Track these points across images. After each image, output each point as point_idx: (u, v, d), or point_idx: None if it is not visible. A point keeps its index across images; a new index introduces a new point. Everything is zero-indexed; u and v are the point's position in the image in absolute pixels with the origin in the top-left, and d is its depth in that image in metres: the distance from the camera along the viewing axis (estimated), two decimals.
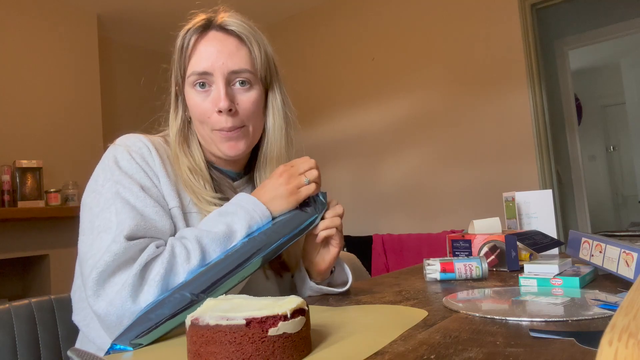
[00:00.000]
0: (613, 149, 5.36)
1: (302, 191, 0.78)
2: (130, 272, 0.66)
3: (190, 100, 0.83)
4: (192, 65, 0.81)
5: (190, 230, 0.73)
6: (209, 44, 0.81)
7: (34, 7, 3.15)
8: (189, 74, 0.81)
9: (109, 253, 0.66)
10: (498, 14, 2.89)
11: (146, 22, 3.72)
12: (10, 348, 0.83)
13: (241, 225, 0.74)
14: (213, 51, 0.80)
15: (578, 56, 4.50)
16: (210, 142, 0.84)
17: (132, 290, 0.65)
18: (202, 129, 0.84)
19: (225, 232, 0.73)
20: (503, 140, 2.85)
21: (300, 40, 3.72)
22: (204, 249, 0.70)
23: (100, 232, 0.70)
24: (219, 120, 0.81)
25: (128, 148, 0.79)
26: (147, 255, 0.67)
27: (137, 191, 0.74)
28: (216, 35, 0.82)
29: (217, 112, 0.80)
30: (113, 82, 3.89)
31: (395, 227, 3.22)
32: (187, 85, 0.83)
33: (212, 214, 0.77)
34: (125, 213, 0.71)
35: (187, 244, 0.71)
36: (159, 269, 0.67)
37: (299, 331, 0.50)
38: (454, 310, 0.68)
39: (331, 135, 3.58)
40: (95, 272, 0.66)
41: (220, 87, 0.80)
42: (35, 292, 3.04)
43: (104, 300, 0.65)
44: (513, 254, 1.04)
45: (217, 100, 0.80)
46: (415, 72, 3.20)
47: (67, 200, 3.04)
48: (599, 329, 0.55)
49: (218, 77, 0.80)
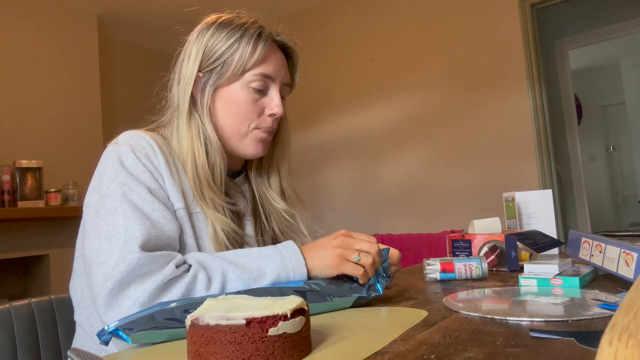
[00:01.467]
0: (613, 149, 5.36)
1: (346, 265, 0.73)
2: (146, 288, 0.65)
3: (240, 97, 0.85)
4: (263, 67, 0.85)
5: (219, 261, 0.72)
6: (277, 55, 0.88)
7: (34, 7, 3.15)
8: (256, 72, 0.84)
9: (124, 263, 0.65)
10: (498, 14, 2.89)
11: (146, 22, 3.72)
12: (10, 348, 0.83)
13: (272, 270, 0.72)
14: (280, 62, 0.88)
15: (578, 56, 4.50)
16: (243, 139, 0.86)
17: (143, 307, 0.64)
18: (240, 126, 0.85)
19: (253, 273, 0.71)
20: (503, 140, 2.85)
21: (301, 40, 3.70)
22: (225, 281, 0.69)
23: (109, 236, 0.69)
24: (267, 121, 0.87)
25: (132, 147, 0.77)
26: (166, 276, 0.66)
27: (144, 194, 0.73)
28: (276, 48, 0.89)
29: (269, 115, 0.86)
30: (113, 82, 3.89)
31: (395, 227, 3.22)
32: (242, 82, 0.84)
33: (250, 250, 0.75)
34: (134, 218, 0.70)
35: (209, 271, 0.70)
36: (176, 293, 0.66)
37: (299, 331, 0.50)
38: (454, 310, 0.68)
39: (331, 135, 3.58)
40: (111, 282, 0.65)
41: (277, 94, 0.87)
42: (35, 292, 3.04)
43: (115, 313, 0.64)
44: (513, 254, 1.04)
45: (275, 106, 0.86)
46: (415, 72, 3.20)
47: (67, 200, 3.04)
48: (599, 329, 0.55)
49: (277, 84, 0.87)
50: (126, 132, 0.81)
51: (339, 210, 3.52)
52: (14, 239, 2.81)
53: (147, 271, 0.66)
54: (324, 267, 0.73)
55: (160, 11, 3.54)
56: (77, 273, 0.81)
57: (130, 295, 0.65)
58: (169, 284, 0.66)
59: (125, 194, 0.72)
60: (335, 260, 0.73)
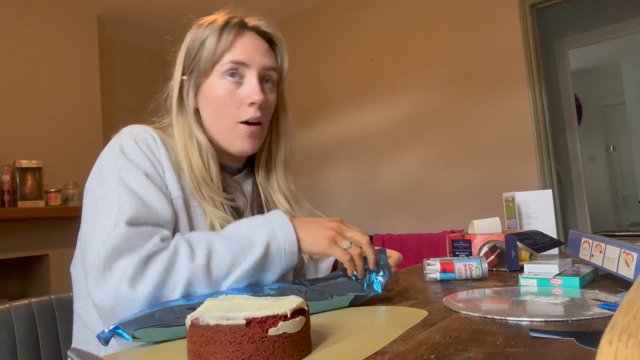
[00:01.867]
0: (613, 149, 5.36)
1: (335, 248, 0.73)
2: (132, 262, 0.65)
3: (216, 89, 0.83)
4: (230, 55, 0.83)
5: (206, 234, 0.73)
6: (247, 39, 0.85)
7: (34, 7, 3.15)
8: (225, 61, 0.83)
9: (111, 238, 0.66)
10: (498, 14, 2.89)
11: (146, 22, 3.72)
12: (10, 348, 0.83)
13: (261, 240, 0.71)
14: (251, 47, 0.84)
15: (578, 56, 4.50)
16: (228, 134, 0.85)
17: (130, 282, 0.64)
18: (222, 121, 0.84)
19: (242, 242, 0.71)
20: (503, 140, 2.85)
21: (301, 40, 3.72)
22: (211, 252, 0.69)
23: (103, 217, 0.70)
24: (248, 110, 0.83)
25: (134, 136, 0.79)
26: (149, 248, 0.67)
27: (140, 178, 0.74)
28: (252, 35, 0.86)
29: (249, 104, 0.82)
30: (113, 82, 3.89)
31: (395, 227, 3.22)
32: (215, 75, 0.83)
33: (239, 221, 0.76)
34: (127, 198, 0.71)
35: (193, 243, 0.70)
36: (158, 266, 0.66)
37: (299, 331, 0.50)
38: (454, 310, 0.68)
39: (331, 135, 3.58)
40: (99, 259, 0.65)
41: (255, 80, 0.83)
42: (35, 292, 3.04)
43: (102, 289, 0.65)
44: (513, 254, 1.04)
45: (252, 93, 0.82)
46: (415, 72, 3.20)
47: (67, 200, 3.04)
48: (599, 329, 0.55)
49: (253, 70, 0.83)
50: (130, 125, 0.83)
51: (339, 210, 3.52)
52: (14, 239, 2.81)
53: (133, 246, 0.67)
54: (314, 242, 0.74)
55: (160, 11, 3.54)
56: (76, 260, 0.82)
57: (117, 272, 0.65)
58: (151, 256, 0.66)
59: (122, 177, 0.73)
60: (326, 241, 0.73)
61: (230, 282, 0.69)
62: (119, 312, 0.64)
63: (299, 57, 3.70)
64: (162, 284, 0.65)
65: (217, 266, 0.68)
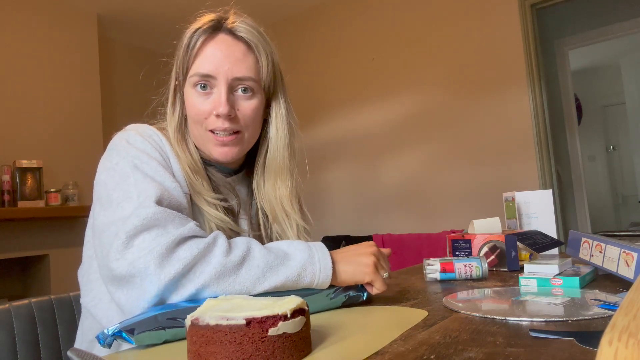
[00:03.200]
0: (613, 149, 5.36)
1: (377, 276, 0.74)
2: (163, 239, 0.63)
3: (188, 99, 0.82)
4: (196, 66, 0.80)
5: (245, 238, 0.72)
6: (216, 47, 0.80)
7: (34, 7, 3.15)
8: (192, 74, 0.81)
9: (137, 217, 0.65)
10: (498, 14, 2.89)
11: (146, 22, 3.72)
12: (10, 348, 0.83)
13: (298, 261, 0.70)
14: (219, 55, 0.80)
15: (578, 56, 4.49)
16: (203, 142, 0.83)
17: (159, 259, 0.62)
18: (196, 129, 0.83)
19: (279, 257, 0.70)
20: (503, 140, 2.85)
21: (300, 40, 3.72)
22: (248, 254, 0.68)
23: (120, 202, 0.68)
24: (216, 121, 0.80)
25: (139, 132, 0.79)
26: (185, 231, 0.65)
27: (155, 165, 0.74)
28: (225, 39, 0.81)
29: (215, 116, 0.80)
30: (113, 82, 3.89)
31: (395, 227, 3.22)
32: (188, 85, 0.82)
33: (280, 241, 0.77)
34: (146, 183, 0.70)
35: (233, 242, 0.69)
36: (192, 249, 0.64)
37: (299, 331, 0.50)
38: (454, 310, 0.68)
39: (331, 135, 3.58)
40: (123, 235, 0.64)
41: (222, 92, 0.79)
42: (35, 292, 3.04)
43: (127, 260, 0.63)
44: (513, 254, 1.04)
45: (218, 105, 0.79)
46: (415, 72, 3.20)
47: (67, 200, 3.04)
48: (599, 329, 0.55)
49: (221, 81, 0.79)
50: (132, 124, 0.83)
51: (339, 210, 3.52)
52: (14, 239, 2.81)
53: (163, 221, 0.65)
54: (356, 272, 0.74)
55: (160, 11, 3.54)
56: (85, 259, 0.82)
57: (144, 247, 0.63)
58: (187, 238, 0.65)
59: (137, 165, 0.73)
60: (370, 267, 0.74)
61: (256, 291, 0.67)
62: (137, 284, 0.63)
63: (299, 57, 3.70)
64: (188, 269, 0.64)
65: (247, 271, 0.67)
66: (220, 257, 0.65)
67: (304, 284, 0.70)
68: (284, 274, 0.68)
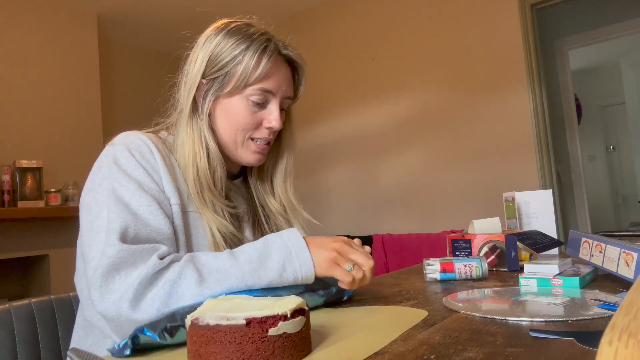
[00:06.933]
0: (613, 149, 5.36)
1: (337, 269, 0.72)
2: (131, 282, 0.64)
3: (239, 107, 0.85)
4: (264, 83, 0.85)
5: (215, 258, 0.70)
6: (280, 70, 0.87)
7: (34, 7, 3.15)
8: (256, 88, 0.84)
9: (105, 256, 0.66)
10: (498, 14, 2.89)
11: (146, 22, 3.72)
12: (10, 348, 0.83)
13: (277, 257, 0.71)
14: (282, 77, 0.87)
15: (578, 56, 4.49)
16: (239, 147, 0.88)
17: (131, 304, 0.64)
18: (237, 134, 0.86)
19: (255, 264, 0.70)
20: (503, 140, 2.85)
21: (300, 40, 3.71)
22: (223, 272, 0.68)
23: (98, 232, 0.70)
24: (264, 132, 0.87)
25: (127, 146, 0.79)
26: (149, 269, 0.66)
27: (133, 189, 0.74)
28: (284, 63, 0.89)
29: (267, 128, 0.87)
30: (113, 82, 3.89)
31: (395, 227, 3.22)
32: (243, 95, 0.85)
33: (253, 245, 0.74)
34: (117, 212, 0.71)
35: (203, 270, 0.68)
36: (159, 290, 0.65)
37: (299, 331, 0.50)
38: (454, 310, 0.68)
39: (331, 135, 3.58)
40: (97, 277, 0.65)
41: (276, 108, 0.87)
42: (35, 292, 3.04)
43: (104, 305, 0.65)
44: (513, 254, 1.04)
45: (272, 120, 0.86)
46: (415, 72, 3.20)
47: (67, 200, 3.04)
48: (599, 329, 0.55)
49: (277, 98, 0.87)
50: (123, 133, 0.83)
51: (339, 210, 3.52)
52: (14, 239, 2.81)
53: (131, 263, 0.66)
54: (319, 265, 0.73)
55: (160, 11, 3.54)
56: (79, 272, 0.82)
57: (116, 290, 0.65)
58: (152, 278, 0.66)
59: (115, 189, 0.74)
60: (327, 263, 0.72)
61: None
62: (125, 327, 0.64)
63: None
64: (165, 306, 0.64)
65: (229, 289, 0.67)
66: (193, 288, 0.66)
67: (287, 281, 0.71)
68: (265, 280, 0.69)
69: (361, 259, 0.74)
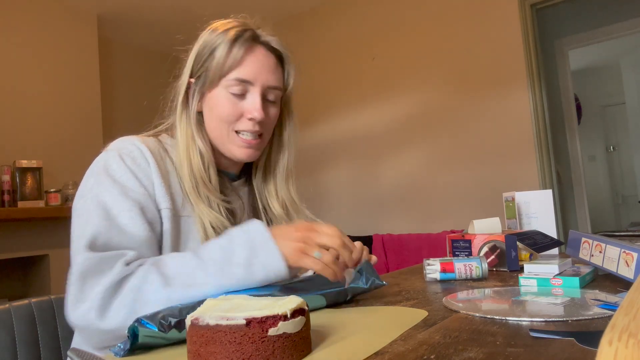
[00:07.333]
0: (613, 149, 5.36)
1: (305, 259, 0.68)
2: (98, 290, 0.64)
3: (219, 99, 0.85)
4: (236, 72, 0.84)
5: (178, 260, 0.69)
6: (255, 58, 0.86)
7: (34, 7, 3.15)
8: (231, 78, 0.84)
9: (74, 264, 0.67)
10: (498, 14, 2.89)
11: (146, 22, 3.72)
12: (10, 348, 0.83)
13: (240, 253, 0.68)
14: (259, 64, 0.86)
15: (578, 56, 4.49)
16: (226, 141, 0.87)
17: (98, 312, 0.64)
18: (221, 128, 0.86)
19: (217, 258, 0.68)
20: (503, 140, 2.85)
21: (300, 40, 3.72)
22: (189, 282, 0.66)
23: (77, 239, 0.72)
24: (247, 124, 0.86)
25: (119, 151, 0.80)
26: (113, 276, 0.65)
27: (116, 194, 0.74)
28: (262, 51, 0.87)
29: (248, 119, 0.85)
30: (113, 82, 3.89)
31: (395, 227, 3.22)
32: (220, 87, 0.85)
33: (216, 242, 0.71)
34: (92, 219, 0.71)
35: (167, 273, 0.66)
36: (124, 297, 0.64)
37: (299, 331, 0.50)
38: (454, 310, 0.68)
39: (331, 135, 3.58)
40: (69, 285, 0.67)
41: (257, 98, 0.85)
42: (35, 292, 3.04)
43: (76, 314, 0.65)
44: (513, 254, 1.04)
45: (253, 109, 0.85)
46: (415, 72, 3.20)
47: (67, 200, 3.04)
48: (599, 329, 0.55)
49: (257, 88, 0.85)
50: (119, 138, 0.84)
51: (339, 210, 3.52)
52: (14, 239, 2.81)
53: (97, 271, 0.66)
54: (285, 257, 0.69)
55: (160, 11, 3.53)
56: None
57: (84, 299, 0.65)
58: (116, 285, 0.65)
59: (99, 195, 0.75)
60: (294, 254, 0.68)
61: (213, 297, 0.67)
62: (95, 337, 0.65)
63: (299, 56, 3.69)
64: (132, 313, 0.63)
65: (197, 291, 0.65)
66: (158, 292, 0.64)
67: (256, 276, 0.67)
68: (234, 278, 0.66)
69: (327, 240, 0.69)
